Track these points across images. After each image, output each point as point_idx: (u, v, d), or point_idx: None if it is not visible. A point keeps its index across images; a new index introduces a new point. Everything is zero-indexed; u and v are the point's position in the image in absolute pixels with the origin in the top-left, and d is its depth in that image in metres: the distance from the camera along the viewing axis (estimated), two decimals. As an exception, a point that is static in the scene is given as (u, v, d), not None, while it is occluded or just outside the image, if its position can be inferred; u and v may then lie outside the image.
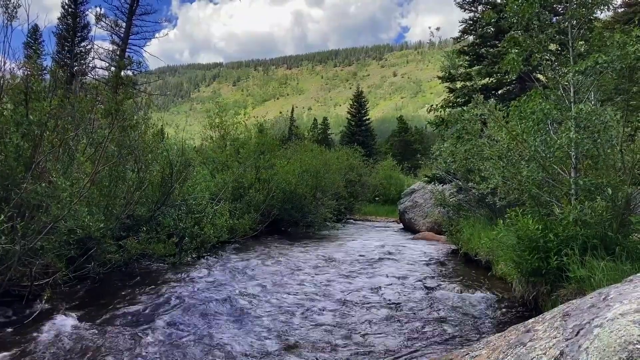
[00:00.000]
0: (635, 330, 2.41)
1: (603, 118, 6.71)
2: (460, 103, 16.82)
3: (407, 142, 54.90)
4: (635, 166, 6.50)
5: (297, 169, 18.05)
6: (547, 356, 2.78)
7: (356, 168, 30.49)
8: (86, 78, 22.42)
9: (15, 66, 7.81)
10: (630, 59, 6.30)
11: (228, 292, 7.70)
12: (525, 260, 6.62)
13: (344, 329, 6.08)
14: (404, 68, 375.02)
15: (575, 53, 7.62)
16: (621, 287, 3.38)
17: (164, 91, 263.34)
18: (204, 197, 12.02)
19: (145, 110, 11.08)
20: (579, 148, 6.94)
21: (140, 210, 9.33)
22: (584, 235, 6.35)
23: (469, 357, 3.85)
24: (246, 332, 5.87)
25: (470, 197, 13.68)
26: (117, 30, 23.25)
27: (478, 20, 17.90)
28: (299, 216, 17.67)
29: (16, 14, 7.06)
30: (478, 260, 10.72)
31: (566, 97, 7.47)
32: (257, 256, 11.68)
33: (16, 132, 6.46)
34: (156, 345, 5.20)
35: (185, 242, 10.27)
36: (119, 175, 8.63)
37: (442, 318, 6.70)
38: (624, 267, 5.63)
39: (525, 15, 7.57)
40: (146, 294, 7.23)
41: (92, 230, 6.88)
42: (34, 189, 6.03)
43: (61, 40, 28.84)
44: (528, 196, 7.71)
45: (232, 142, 18.81)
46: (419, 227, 20.77)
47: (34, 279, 6.17)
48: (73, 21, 29.12)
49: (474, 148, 9.38)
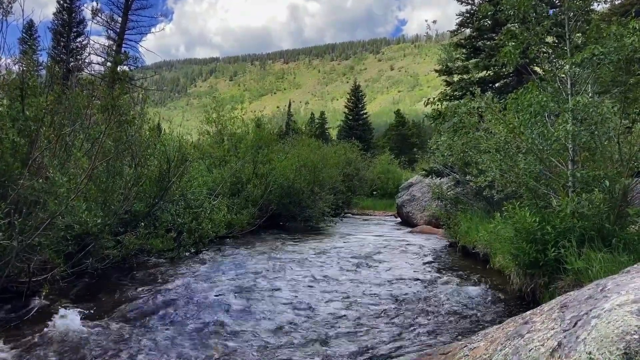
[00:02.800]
0: (632, 321, 2.42)
1: (600, 110, 6.72)
2: (457, 96, 16.82)
3: (404, 135, 54.83)
4: (632, 158, 6.51)
5: (294, 164, 18.03)
6: (545, 347, 2.79)
7: (354, 162, 30.50)
8: (82, 73, 22.31)
9: (11, 62, 7.78)
10: (627, 50, 6.29)
11: (226, 287, 7.71)
12: (523, 253, 6.65)
13: (343, 323, 6.09)
14: (401, 62, 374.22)
15: (572, 45, 7.62)
16: (618, 279, 3.39)
17: (161, 86, 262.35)
18: (201, 192, 12.00)
19: (142, 105, 11.04)
20: (576, 140, 6.95)
21: (138, 206, 9.31)
22: (581, 227, 6.38)
23: (467, 349, 3.87)
24: (245, 325, 5.88)
25: (467, 190, 13.70)
26: (113, 26, 23.17)
27: (475, 13, 17.86)
28: (296, 211, 17.67)
29: (11, 9, 7.01)
30: (476, 253, 10.75)
31: (563, 90, 7.47)
32: (255, 250, 11.69)
33: (12, 128, 6.42)
34: (155, 340, 5.20)
35: (183, 237, 10.26)
36: (116, 170, 8.61)
37: (440, 311, 6.72)
38: (621, 259, 5.66)
39: (522, 7, 7.57)
40: (144, 289, 7.23)
41: (90, 226, 6.86)
42: (31, 185, 6.01)
43: (57, 36, 28.72)
44: (525, 189, 7.72)
45: (229, 137, 18.77)
46: (416, 221, 20.80)
47: (32, 275, 6.16)
48: (68, 16, 29.01)
49: (471, 141, 9.41)
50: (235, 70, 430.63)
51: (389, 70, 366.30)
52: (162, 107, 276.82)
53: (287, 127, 54.77)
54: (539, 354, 2.78)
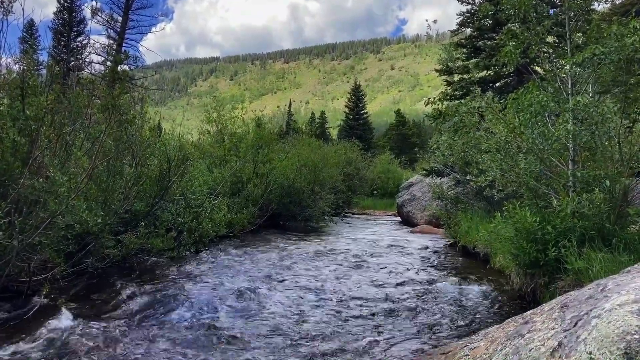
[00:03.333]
0: (633, 321, 2.42)
1: (601, 110, 6.72)
2: (457, 96, 16.82)
3: (404, 135, 54.83)
4: (632, 158, 6.51)
5: (295, 163, 18.03)
6: (546, 347, 2.79)
7: (354, 162, 30.47)
8: (82, 73, 22.31)
9: (12, 61, 7.78)
10: (628, 50, 6.29)
11: (226, 286, 7.71)
12: (523, 253, 6.64)
13: (342, 322, 6.09)
14: (402, 61, 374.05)
15: (572, 45, 7.62)
16: (619, 278, 3.39)
17: (161, 86, 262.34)
18: (202, 192, 12.00)
19: (142, 105, 11.03)
20: (577, 140, 6.95)
21: (139, 205, 9.30)
22: (581, 227, 6.37)
23: (467, 349, 3.87)
24: (245, 325, 5.89)
25: (468, 190, 13.69)
26: (114, 25, 23.14)
27: (475, 13, 17.86)
28: (297, 210, 17.65)
29: (12, 8, 7.01)
30: (476, 253, 10.75)
31: (564, 89, 7.47)
32: (256, 250, 11.69)
33: (13, 127, 6.43)
34: (155, 340, 5.21)
35: (183, 236, 10.26)
36: (117, 170, 8.61)
37: (441, 310, 6.72)
38: (621, 259, 5.66)
39: (523, 7, 7.56)
40: (145, 289, 7.23)
41: (90, 225, 6.86)
42: (31, 184, 6.01)
43: (57, 35, 28.70)
44: (526, 188, 7.72)
45: (229, 137, 18.76)
46: (417, 221, 20.80)
47: (33, 274, 6.16)
48: (69, 16, 28.98)
49: (471, 141, 9.40)
50: (236, 69, 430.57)
51: (390, 70, 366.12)
52: (163, 106, 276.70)
53: (287, 126, 54.77)
54: (540, 354, 2.78)
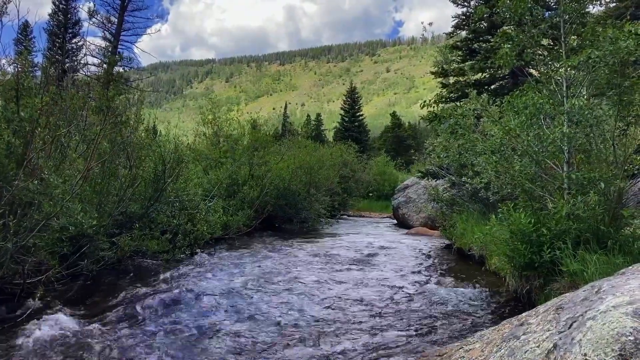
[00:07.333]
0: (627, 322, 2.42)
1: (595, 113, 6.75)
2: (453, 98, 16.89)
3: (400, 137, 54.93)
4: (627, 160, 6.54)
5: (290, 165, 18.02)
6: (541, 349, 2.80)
7: (350, 164, 30.49)
8: (78, 74, 22.23)
9: (6, 62, 7.74)
10: (623, 53, 6.33)
11: (221, 288, 7.69)
12: (518, 255, 6.66)
13: (337, 324, 6.08)
14: (397, 64, 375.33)
15: (567, 48, 7.65)
16: (613, 280, 3.41)
17: (157, 87, 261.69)
18: (197, 194, 11.98)
19: (137, 107, 11.00)
20: (572, 142, 6.97)
21: (133, 207, 9.28)
22: (576, 229, 6.39)
23: (463, 351, 3.87)
24: (239, 327, 5.87)
25: (463, 192, 13.72)
26: (109, 27, 23.07)
27: (471, 15, 17.93)
28: (292, 212, 17.64)
29: (6, 9, 6.98)
30: (471, 255, 10.76)
31: (559, 92, 7.50)
32: (251, 252, 11.67)
33: (7, 129, 6.40)
34: (150, 342, 5.18)
35: (178, 238, 10.22)
36: (112, 172, 8.58)
37: (436, 313, 6.72)
38: (616, 261, 5.68)
39: (518, 10, 7.59)
40: (140, 291, 7.20)
41: (85, 227, 6.83)
42: (25, 186, 5.97)
43: (52, 37, 28.61)
44: (521, 190, 7.74)
45: (225, 139, 18.74)
46: (412, 223, 20.83)
47: (27, 276, 6.12)
48: (64, 17, 28.91)
49: (467, 143, 9.40)
50: (232, 71, 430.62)
51: (385, 72, 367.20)
52: (158, 108, 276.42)
53: (283, 128, 54.80)
54: (535, 356, 2.78)
